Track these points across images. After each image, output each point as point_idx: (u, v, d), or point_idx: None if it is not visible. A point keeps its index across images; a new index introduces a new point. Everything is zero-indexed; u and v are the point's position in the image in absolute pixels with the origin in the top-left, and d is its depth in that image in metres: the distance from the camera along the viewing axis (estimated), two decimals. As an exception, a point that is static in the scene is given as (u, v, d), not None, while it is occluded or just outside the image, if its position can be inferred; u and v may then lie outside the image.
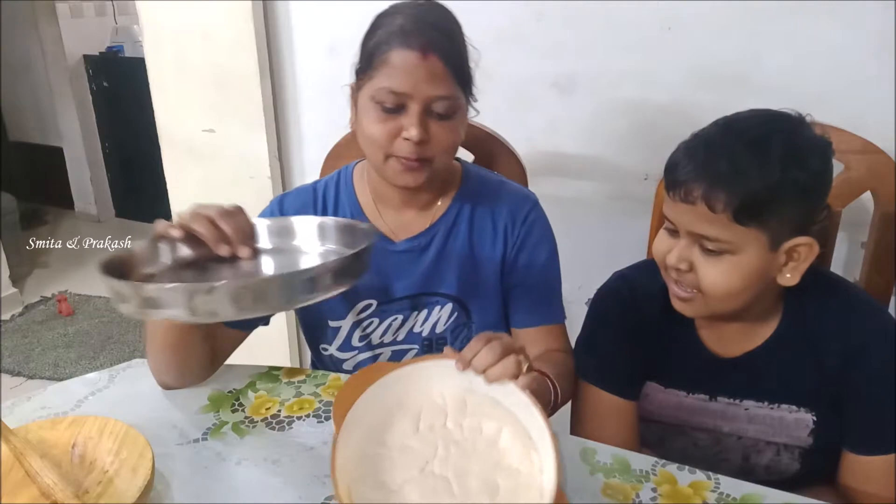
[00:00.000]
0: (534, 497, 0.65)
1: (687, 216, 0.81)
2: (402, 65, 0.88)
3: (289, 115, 1.77)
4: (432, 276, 1.04)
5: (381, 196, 1.04)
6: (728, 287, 0.81)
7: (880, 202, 1.12)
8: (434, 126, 0.91)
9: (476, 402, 0.73)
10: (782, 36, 1.29)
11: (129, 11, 3.79)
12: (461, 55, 0.93)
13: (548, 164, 1.52)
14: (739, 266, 0.80)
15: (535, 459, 0.68)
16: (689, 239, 0.83)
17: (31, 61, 3.85)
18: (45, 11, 3.64)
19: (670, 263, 0.84)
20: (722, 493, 0.78)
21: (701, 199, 0.78)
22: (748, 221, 0.77)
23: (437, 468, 0.68)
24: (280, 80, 1.74)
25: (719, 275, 0.81)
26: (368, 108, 0.92)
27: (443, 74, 0.90)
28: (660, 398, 0.98)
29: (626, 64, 1.41)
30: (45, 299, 3.13)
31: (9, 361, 2.63)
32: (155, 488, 0.76)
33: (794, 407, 0.91)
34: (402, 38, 0.89)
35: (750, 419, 0.94)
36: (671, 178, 0.82)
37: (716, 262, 0.81)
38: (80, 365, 2.60)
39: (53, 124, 3.97)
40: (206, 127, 1.80)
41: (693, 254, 0.83)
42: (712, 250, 0.80)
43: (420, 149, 0.91)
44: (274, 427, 0.89)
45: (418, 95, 0.89)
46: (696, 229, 0.81)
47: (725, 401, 0.94)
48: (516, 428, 0.70)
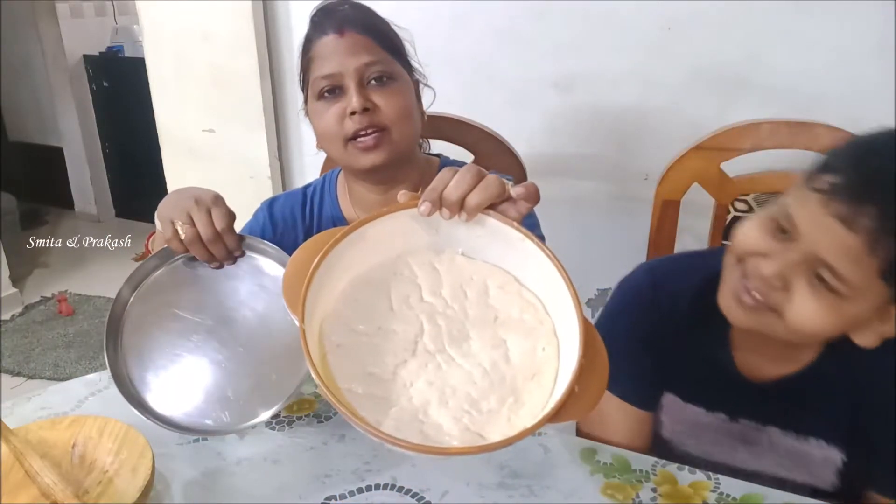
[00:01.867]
0: (550, 339, 0.58)
1: (829, 238, 0.63)
2: (324, 51, 0.93)
3: (289, 115, 1.77)
4: None
5: (359, 199, 1.04)
6: (819, 328, 0.68)
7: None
8: (376, 95, 0.92)
9: (447, 263, 0.63)
10: (783, 36, 1.29)
11: (129, 11, 3.79)
12: (379, 26, 0.96)
13: (548, 164, 1.52)
14: (842, 312, 0.66)
15: (532, 300, 0.61)
16: (805, 258, 0.66)
17: (31, 61, 3.85)
18: (45, 11, 3.64)
19: (766, 273, 0.68)
20: (722, 493, 0.78)
21: (866, 234, 0.61)
22: (893, 281, 0.63)
23: (430, 345, 0.59)
24: (280, 80, 1.74)
25: (816, 312, 0.66)
26: (315, 109, 0.96)
27: (365, 44, 0.93)
28: (676, 411, 0.89)
29: (626, 64, 1.41)
30: (45, 299, 3.13)
31: (9, 361, 2.63)
32: (155, 488, 0.76)
33: (823, 443, 0.82)
34: (317, 30, 0.94)
35: (771, 447, 0.85)
36: (835, 182, 0.63)
37: (821, 296, 0.66)
38: (80, 365, 2.60)
39: (53, 124, 3.97)
40: (206, 127, 1.80)
41: (797, 275, 0.67)
42: (825, 282, 0.65)
43: (368, 118, 0.91)
44: (274, 427, 0.89)
45: (346, 70, 0.91)
46: (827, 255, 0.64)
47: (747, 423, 0.85)
48: (501, 276, 0.62)
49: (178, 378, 0.84)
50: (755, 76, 1.32)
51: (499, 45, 1.49)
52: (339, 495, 0.77)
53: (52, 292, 3.19)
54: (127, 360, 0.84)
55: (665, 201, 1.19)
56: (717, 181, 1.16)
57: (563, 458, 0.82)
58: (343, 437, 0.87)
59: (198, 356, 0.85)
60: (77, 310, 3.02)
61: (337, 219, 1.05)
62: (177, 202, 0.84)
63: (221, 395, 0.83)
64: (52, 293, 3.18)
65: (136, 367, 0.84)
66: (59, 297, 3.09)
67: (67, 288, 3.22)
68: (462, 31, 1.50)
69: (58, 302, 3.03)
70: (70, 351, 2.71)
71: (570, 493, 0.78)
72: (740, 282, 0.72)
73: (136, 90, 2.68)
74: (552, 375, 0.57)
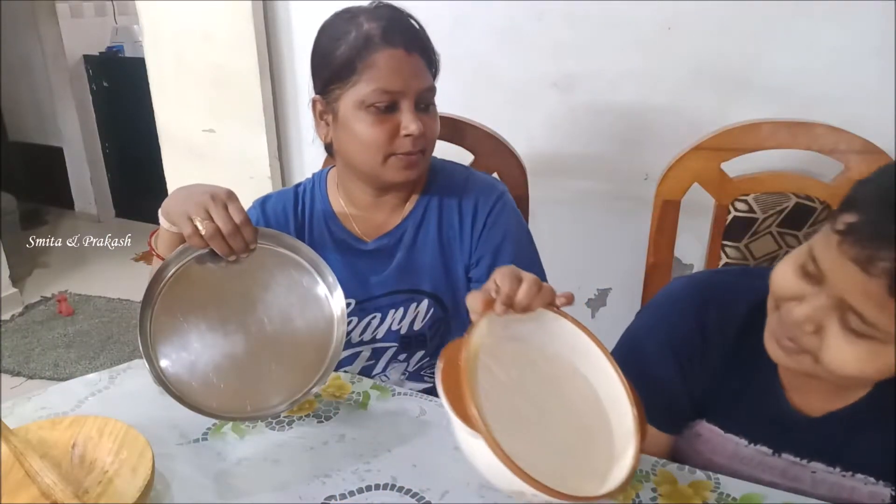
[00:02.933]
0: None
1: (850, 282, 0.61)
2: (391, 64, 0.93)
3: (289, 115, 1.78)
4: (405, 273, 1.05)
5: (354, 200, 1.06)
6: (857, 372, 0.65)
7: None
8: (423, 118, 0.95)
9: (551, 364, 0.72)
10: (782, 36, 1.29)
11: (129, 11, 3.79)
12: (430, 50, 0.99)
13: (548, 164, 1.52)
14: (879, 356, 0.64)
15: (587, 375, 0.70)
16: (834, 303, 0.64)
17: (31, 61, 3.85)
18: (45, 11, 3.64)
19: (796, 318, 0.66)
20: (722, 493, 0.78)
21: (885, 276, 0.58)
22: None
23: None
24: (280, 80, 1.74)
25: (852, 355, 0.64)
26: (359, 115, 0.95)
27: (423, 67, 0.96)
28: (715, 442, 0.84)
29: (626, 64, 1.41)
30: (45, 299, 3.13)
31: (9, 361, 2.63)
32: (155, 488, 0.76)
33: (871, 479, 0.79)
34: (385, 40, 0.93)
35: (815, 483, 0.81)
36: (854, 223, 0.60)
37: (854, 342, 0.64)
38: (80, 365, 2.60)
39: (53, 124, 3.97)
40: (206, 127, 1.80)
41: (828, 319, 0.65)
42: (855, 330, 0.63)
43: (422, 142, 0.95)
44: (274, 427, 0.89)
45: (409, 91, 0.93)
46: (850, 300, 0.62)
47: (790, 459, 0.81)
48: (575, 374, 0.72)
49: (204, 368, 0.85)
50: (755, 76, 1.32)
51: (499, 45, 1.49)
52: (339, 495, 0.77)
53: (52, 292, 3.19)
54: (156, 348, 0.84)
55: (665, 201, 1.19)
56: (717, 181, 1.16)
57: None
58: (343, 437, 0.87)
59: (222, 348, 0.86)
60: (77, 310, 3.02)
61: (327, 213, 1.07)
62: (189, 199, 0.85)
63: (243, 385, 0.85)
64: (52, 293, 3.18)
65: (164, 359, 0.84)
66: (59, 297, 3.09)
67: (67, 288, 3.22)
68: (462, 32, 1.50)
69: (58, 302, 3.03)
70: (70, 351, 2.71)
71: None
72: (778, 326, 0.71)
73: (136, 90, 2.68)
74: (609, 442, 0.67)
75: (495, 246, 1.03)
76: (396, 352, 1.09)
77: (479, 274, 1.04)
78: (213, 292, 0.88)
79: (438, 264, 1.05)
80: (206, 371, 0.84)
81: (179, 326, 0.85)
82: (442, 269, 1.05)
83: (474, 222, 1.04)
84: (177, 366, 0.83)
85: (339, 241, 1.05)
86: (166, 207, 0.90)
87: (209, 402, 0.82)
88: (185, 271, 0.87)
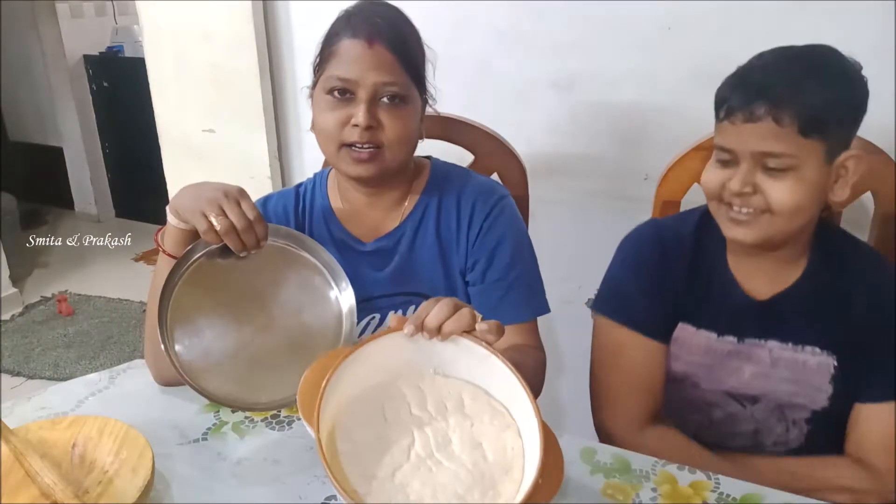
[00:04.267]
0: (516, 440, 0.70)
1: (751, 137, 0.84)
2: (348, 53, 0.93)
3: (289, 115, 1.77)
4: (404, 275, 1.04)
5: (349, 198, 1.05)
6: (796, 202, 0.84)
7: (880, 202, 1.12)
8: (383, 114, 0.94)
9: (429, 382, 0.75)
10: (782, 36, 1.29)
11: (129, 11, 3.79)
12: (409, 46, 0.96)
13: (548, 164, 1.52)
14: (803, 180, 0.84)
15: (499, 408, 0.73)
16: (751, 161, 0.85)
17: (31, 61, 3.85)
18: (45, 11, 3.64)
19: (734, 189, 0.86)
20: (722, 493, 0.78)
21: (767, 115, 0.82)
22: (812, 133, 0.81)
23: (421, 451, 0.70)
24: (280, 80, 1.74)
25: (786, 190, 0.84)
26: (320, 100, 0.96)
27: (389, 62, 0.93)
28: (690, 341, 0.98)
29: (626, 64, 1.41)
30: (45, 299, 3.13)
31: (9, 361, 2.63)
32: (155, 488, 0.76)
33: (817, 349, 0.93)
34: (349, 29, 0.93)
35: (773, 362, 0.95)
36: (730, 105, 0.86)
37: (781, 178, 0.84)
38: (80, 365, 2.61)
39: (53, 124, 3.97)
40: (206, 127, 1.80)
41: (756, 176, 0.85)
42: (776, 168, 0.84)
43: (369, 135, 0.93)
44: (274, 427, 0.89)
45: (364, 82, 0.92)
46: (760, 147, 0.83)
47: (752, 342, 0.96)
48: (472, 390, 0.75)
49: (217, 357, 0.86)
50: (755, 76, 1.32)
51: (499, 45, 1.49)
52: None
53: (52, 292, 3.19)
54: (173, 336, 0.85)
55: (665, 201, 1.19)
56: (717, 181, 1.16)
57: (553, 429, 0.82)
58: (343, 437, 0.87)
59: (235, 341, 0.87)
60: (77, 310, 3.02)
61: (326, 213, 1.06)
62: (201, 196, 0.86)
63: (255, 377, 0.87)
64: (52, 293, 3.18)
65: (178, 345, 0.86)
66: (59, 297, 3.09)
67: (67, 288, 3.23)
68: (463, 32, 1.50)
69: (58, 302, 3.03)
70: (70, 351, 2.71)
71: (571, 493, 0.78)
72: (729, 212, 0.89)
73: (136, 90, 2.68)
74: (520, 469, 0.68)
75: (490, 249, 1.02)
76: None
77: (474, 277, 1.03)
78: (226, 287, 0.90)
79: (437, 267, 1.05)
80: (220, 360, 0.86)
81: (195, 320, 0.87)
82: (440, 272, 1.05)
83: (471, 225, 1.03)
84: (192, 352, 0.85)
85: (339, 241, 1.05)
86: (176, 204, 0.90)
87: (224, 388, 0.84)
88: (198, 268, 0.89)
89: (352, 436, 0.70)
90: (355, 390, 0.73)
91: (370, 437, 0.70)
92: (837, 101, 0.83)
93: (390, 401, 0.74)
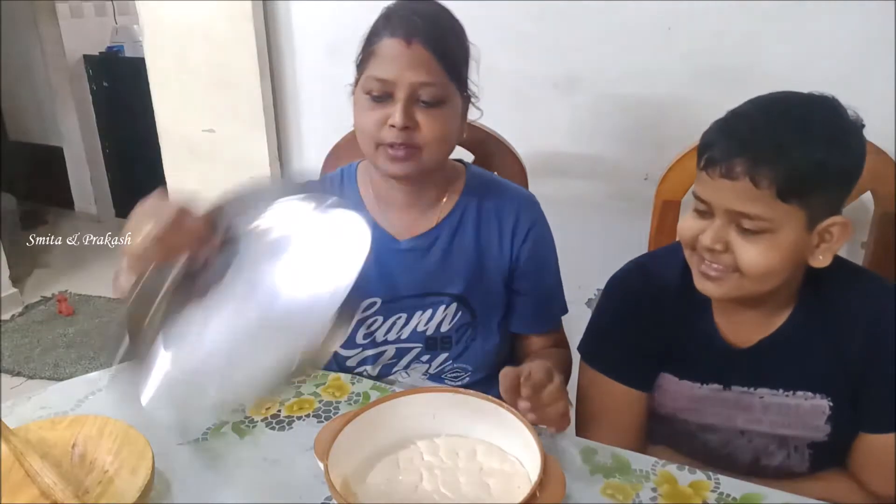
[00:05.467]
0: (524, 480, 0.72)
1: (727, 193, 0.79)
2: (387, 53, 0.92)
3: (289, 115, 1.77)
4: (437, 276, 1.04)
5: (384, 196, 1.04)
6: (767, 266, 0.80)
7: (880, 202, 1.12)
8: (421, 114, 0.93)
9: (444, 438, 0.81)
10: (782, 36, 1.29)
11: (129, 11, 3.78)
12: (450, 44, 0.95)
13: (548, 164, 1.52)
14: (778, 245, 0.79)
15: (513, 459, 0.76)
16: (726, 218, 0.81)
17: (31, 61, 3.84)
18: (45, 11, 3.64)
19: (705, 244, 0.82)
20: (722, 493, 0.78)
21: (745, 175, 0.77)
22: (791, 199, 0.77)
23: (428, 486, 0.74)
24: (280, 80, 1.74)
25: (758, 254, 0.80)
26: (360, 99, 0.96)
27: (428, 62, 0.91)
28: (673, 389, 0.96)
29: (626, 64, 1.41)
30: (45, 299, 3.13)
31: (9, 361, 2.62)
32: (155, 488, 0.76)
33: (809, 394, 0.90)
34: (388, 28, 0.92)
35: (765, 408, 0.92)
36: (710, 155, 0.81)
37: (754, 241, 0.80)
38: (80, 365, 2.60)
39: (53, 124, 3.96)
40: (206, 127, 1.80)
41: (729, 234, 0.81)
42: (750, 230, 0.79)
43: (406, 135, 0.92)
44: (274, 427, 0.89)
45: (402, 82, 0.91)
46: (735, 207, 0.79)
47: (740, 389, 0.92)
48: (487, 446, 0.79)
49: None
50: (755, 76, 1.32)
51: (499, 46, 1.49)
52: (339, 495, 0.77)
53: (52, 292, 3.19)
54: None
55: (665, 201, 1.19)
56: (717, 181, 1.15)
57: (562, 457, 0.82)
58: (343, 437, 0.87)
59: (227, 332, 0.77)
60: (77, 310, 3.02)
61: (357, 205, 1.02)
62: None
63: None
64: (52, 293, 3.18)
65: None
66: (59, 297, 3.09)
67: (67, 288, 3.22)
68: (462, 31, 1.50)
69: (58, 302, 3.03)
70: (70, 351, 2.70)
71: (571, 493, 0.78)
72: (700, 264, 0.86)
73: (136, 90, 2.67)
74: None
75: (537, 261, 1.06)
76: (420, 353, 1.08)
77: (521, 287, 1.07)
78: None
79: (473, 270, 1.04)
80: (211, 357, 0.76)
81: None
82: (476, 275, 1.05)
83: (514, 234, 1.04)
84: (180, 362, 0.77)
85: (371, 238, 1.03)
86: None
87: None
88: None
89: (364, 480, 0.75)
90: (371, 446, 0.78)
91: (381, 481, 0.75)
92: (825, 166, 0.77)
93: (404, 451, 0.79)
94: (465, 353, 1.09)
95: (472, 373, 1.11)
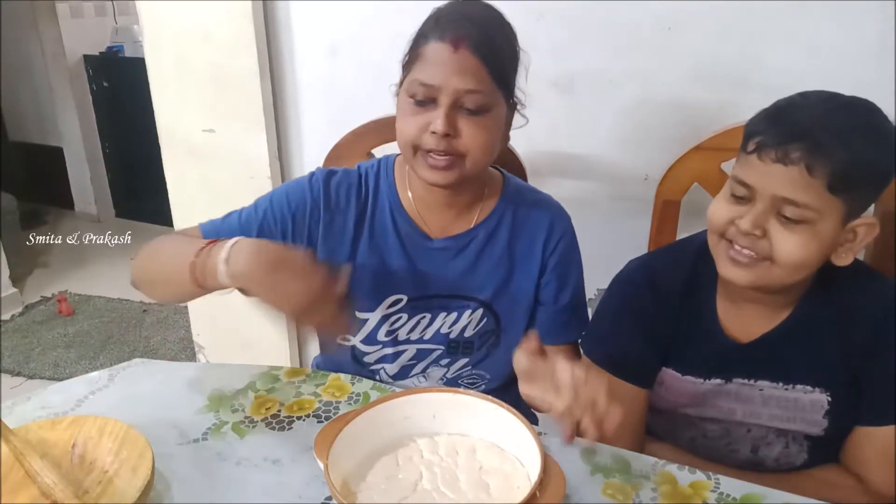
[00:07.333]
0: (524, 480, 0.73)
1: (776, 179, 0.78)
2: (433, 57, 0.89)
3: (289, 115, 1.77)
4: (466, 279, 1.03)
5: (421, 195, 1.02)
6: (802, 257, 0.80)
7: (880, 202, 1.12)
8: (464, 121, 0.90)
9: (445, 437, 0.81)
10: (782, 36, 1.29)
11: (129, 11, 3.79)
12: (498, 51, 0.91)
13: (548, 164, 1.52)
14: (815, 237, 0.79)
15: (512, 458, 0.77)
16: (769, 204, 0.80)
17: (31, 61, 3.85)
18: (45, 11, 3.64)
19: (745, 228, 0.81)
20: (722, 493, 0.78)
21: (800, 161, 0.76)
22: (839, 191, 0.77)
23: (427, 485, 0.74)
24: (280, 80, 1.74)
25: (796, 244, 0.79)
26: (403, 102, 0.93)
27: (475, 68, 0.89)
28: (675, 385, 0.96)
29: (626, 64, 1.41)
30: (45, 299, 3.13)
31: (9, 361, 2.63)
32: (155, 488, 0.76)
33: (808, 387, 0.91)
34: (436, 31, 0.90)
35: (764, 401, 0.93)
36: (763, 139, 0.79)
37: (794, 230, 0.79)
38: (80, 365, 2.60)
39: (53, 124, 3.97)
40: (206, 127, 1.80)
41: (769, 220, 0.80)
42: (791, 218, 0.79)
43: (447, 143, 0.90)
44: (274, 427, 0.89)
45: (447, 88, 0.88)
46: (783, 193, 0.78)
47: (740, 381, 0.93)
48: (487, 445, 0.79)
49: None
50: (755, 76, 1.32)
51: (499, 45, 1.49)
52: (339, 495, 0.77)
53: (52, 292, 3.19)
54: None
55: (665, 201, 1.19)
56: (717, 181, 1.15)
57: (563, 457, 0.82)
58: (343, 437, 0.87)
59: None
60: (77, 310, 3.02)
61: (393, 204, 1.02)
62: (276, 287, 0.77)
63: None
64: (52, 293, 3.18)
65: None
66: (59, 296, 3.09)
67: (67, 288, 3.22)
68: (462, 31, 1.50)
69: (58, 302, 3.03)
70: (70, 351, 2.71)
71: (571, 493, 0.78)
72: (729, 250, 0.84)
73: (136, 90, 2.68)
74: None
75: (566, 272, 1.05)
76: (441, 355, 1.07)
77: (546, 298, 1.06)
78: None
79: (503, 276, 1.04)
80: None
81: None
82: (505, 282, 1.04)
83: (546, 244, 1.04)
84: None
85: (404, 234, 1.02)
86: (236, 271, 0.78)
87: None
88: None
89: (365, 478, 0.75)
90: (370, 446, 0.78)
91: (380, 479, 0.75)
92: (874, 164, 0.78)
93: (404, 449, 0.79)
94: (485, 359, 1.09)
95: (489, 380, 1.10)
